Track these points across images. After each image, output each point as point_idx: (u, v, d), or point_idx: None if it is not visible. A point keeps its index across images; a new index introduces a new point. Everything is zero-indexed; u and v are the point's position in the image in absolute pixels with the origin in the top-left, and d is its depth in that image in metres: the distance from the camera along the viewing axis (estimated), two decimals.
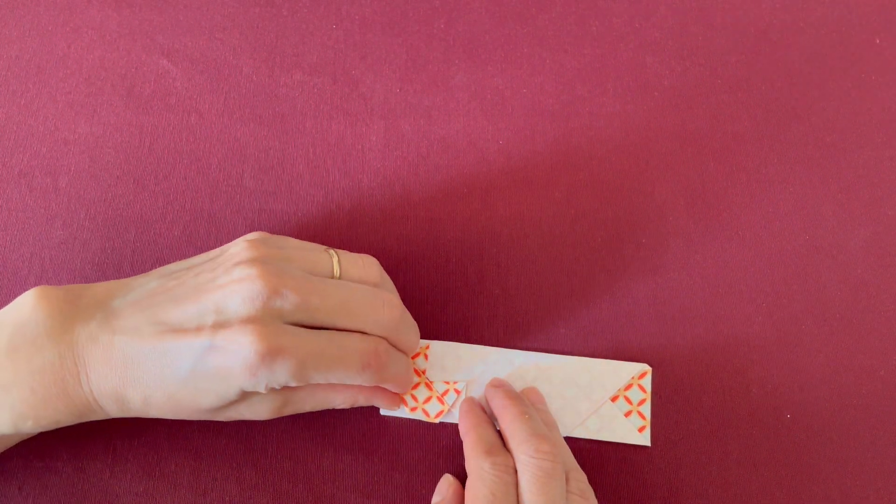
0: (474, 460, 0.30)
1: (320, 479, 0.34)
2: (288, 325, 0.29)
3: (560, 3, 0.45)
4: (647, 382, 0.35)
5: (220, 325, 0.28)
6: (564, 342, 0.37)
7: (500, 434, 0.32)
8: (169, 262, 0.38)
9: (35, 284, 0.38)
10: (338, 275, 0.31)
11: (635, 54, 0.43)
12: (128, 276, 0.38)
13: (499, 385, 0.34)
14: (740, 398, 0.35)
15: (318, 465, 0.35)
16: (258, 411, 0.31)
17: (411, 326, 0.33)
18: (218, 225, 0.39)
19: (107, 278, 0.38)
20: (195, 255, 0.38)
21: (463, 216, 0.39)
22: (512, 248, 0.38)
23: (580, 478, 0.31)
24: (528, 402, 0.33)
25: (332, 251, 0.32)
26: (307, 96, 0.42)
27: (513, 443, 0.30)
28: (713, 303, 0.37)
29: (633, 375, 0.35)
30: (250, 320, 0.28)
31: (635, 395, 0.35)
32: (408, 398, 0.35)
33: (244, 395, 0.29)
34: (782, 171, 0.40)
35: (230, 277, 0.28)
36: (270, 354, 0.27)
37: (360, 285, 0.31)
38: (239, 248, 0.30)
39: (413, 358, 0.36)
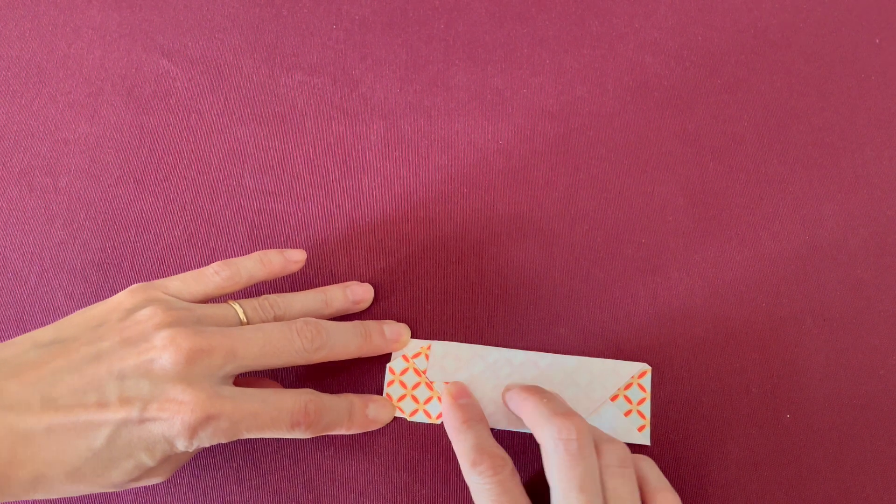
0: (466, 476, 0.30)
1: (320, 479, 0.34)
2: (220, 384, 0.29)
3: (560, 3, 0.45)
4: (646, 382, 0.35)
5: (150, 395, 0.27)
6: (564, 342, 0.37)
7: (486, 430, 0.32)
8: (169, 263, 0.38)
9: (36, 284, 0.38)
10: (245, 322, 0.32)
11: (635, 54, 0.43)
12: (128, 276, 0.38)
13: (512, 386, 0.34)
14: (740, 398, 0.35)
15: (318, 465, 0.35)
16: (159, 476, 0.30)
17: (343, 330, 0.33)
18: (218, 225, 0.39)
19: (107, 278, 0.38)
20: (195, 254, 0.38)
21: (463, 216, 0.39)
22: (512, 248, 0.39)
23: (615, 448, 0.30)
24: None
25: (230, 302, 0.32)
26: (307, 96, 0.42)
27: (536, 430, 0.30)
28: (713, 303, 0.37)
29: (632, 375, 0.35)
30: (184, 383, 0.28)
31: (635, 394, 0.35)
32: (408, 399, 0.35)
33: (161, 462, 0.29)
34: (782, 171, 0.40)
35: (151, 344, 0.28)
36: (208, 419, 0.28)
37: (272, 324, 0.32)
38: (147, 311, 0.29)
39: (413, 357, 0.36)
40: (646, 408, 0.35)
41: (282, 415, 0.30)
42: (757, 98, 0.42)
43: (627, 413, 0.35)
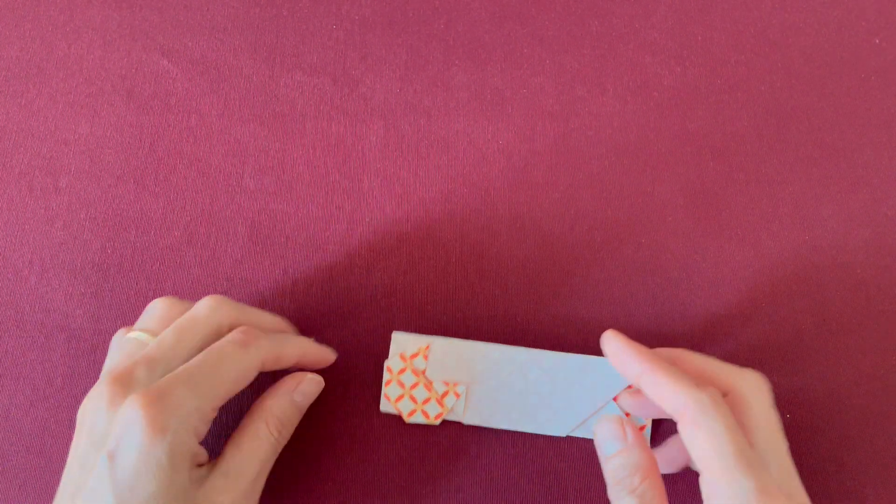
0: (688, 395, 0.28)
1: (320, 480, 0.34)
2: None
3: (560, 3, 0.45)
4: None
5: (101, 438, 0.27)
6: (564, 342, 0.37)
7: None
8: (169, 263, 0.38)
9: (36, 285, 0.38)
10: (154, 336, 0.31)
11: (635, 54, 0.43)
12: (128, 276, 0.38)
13: (627, 342, 0.32)
14: None
15: (318, 465, 0.35)
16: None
17: (252, 309, 0.33)
18: (218, 225, 0.39)
19: (107, 278, 0.38)
20: (195, 254, 0.38)
21: (463, 216, 0.39)
22: (512, 248, 0.39)
23: None
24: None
25: (130, 335, 0.31)
26: (307, 96, 0.42)
27: (730, 377, 0.30)
28: (713, 303, 0.37)
29: None
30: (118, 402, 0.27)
31: None
32: (406, 400, 0.35)
33: (179, 475, 0.27)
34: (782, 171, 0.40)
35: (82, 411, 0.28)
36: (159, 398, 0.27)
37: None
38: None
39: (411, 358, 0.36)
40: None
41: (222, 347, 0.29)
42: (757, 98, 0.42)
43: (628, 414, 0.35)
